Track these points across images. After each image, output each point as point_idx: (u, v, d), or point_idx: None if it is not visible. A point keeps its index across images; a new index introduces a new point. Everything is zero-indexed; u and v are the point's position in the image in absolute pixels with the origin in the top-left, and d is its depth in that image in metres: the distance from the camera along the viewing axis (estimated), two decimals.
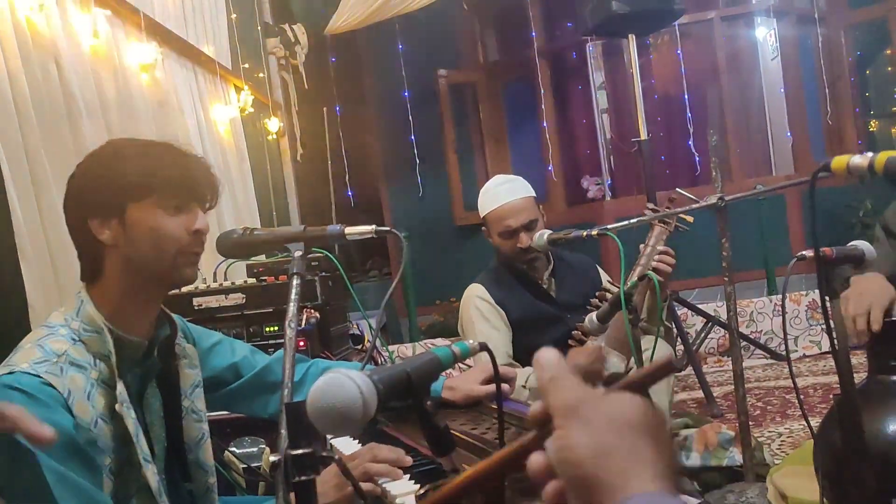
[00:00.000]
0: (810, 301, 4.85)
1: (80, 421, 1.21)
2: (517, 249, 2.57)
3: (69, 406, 1.21)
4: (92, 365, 1.28)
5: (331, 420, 0.85)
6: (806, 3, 6.73)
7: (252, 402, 1.71)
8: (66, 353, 1.25)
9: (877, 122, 6.95)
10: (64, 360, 1.24)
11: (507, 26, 7.24)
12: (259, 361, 1.71)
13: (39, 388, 1.19)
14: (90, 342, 1.29)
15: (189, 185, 1.39)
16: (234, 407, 1.75)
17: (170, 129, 3.47)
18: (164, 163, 1.38)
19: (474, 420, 1.65)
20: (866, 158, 1.16)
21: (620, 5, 4.05)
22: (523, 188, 2.64)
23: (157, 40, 3.44)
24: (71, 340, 1.28)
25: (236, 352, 1.70)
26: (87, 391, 1.24)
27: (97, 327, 1.30)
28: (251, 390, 1.69)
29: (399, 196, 6.99)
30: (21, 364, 1.22)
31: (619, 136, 6.68)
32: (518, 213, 2.56)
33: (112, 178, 1.34)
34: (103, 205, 1.34)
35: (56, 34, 2.59)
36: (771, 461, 2.66)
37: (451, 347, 1.02)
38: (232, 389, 1.68)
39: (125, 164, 1.35)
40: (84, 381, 1.25)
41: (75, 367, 1.25)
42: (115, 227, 1.34)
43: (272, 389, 1.69)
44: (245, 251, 1.51)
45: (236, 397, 1.69)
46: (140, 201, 1.34)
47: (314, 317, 2.53)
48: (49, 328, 1.31)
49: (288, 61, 5.77)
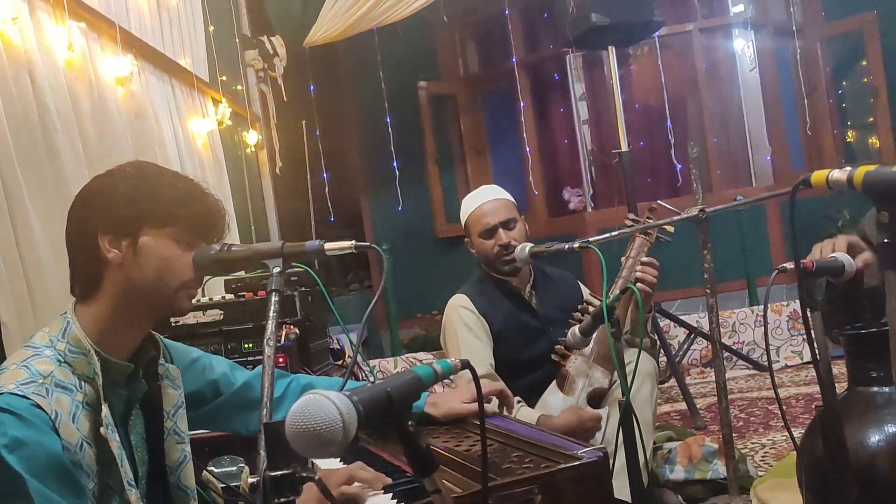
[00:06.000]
0: (791, 311, 4.86)
1: (67, 443, 1.19)
2: (497, 248, 2.57)
3: (56, 428, 1.18)
4: (77, 387, 1.25)
5: (310, 443, 0.83)
6: (783, 15, 6.80)
7: (232, 420, 1.69)
8: (52, 374, 1.23)
9: (854, 132, 7.02)
10: (50, 382, 1.22)
11: (488, 38, 7.26)
12: (239, 378, 1.69)
13: (29, 409, 1.17)
14: (76, 364, 1.27)
15: (208, 225, 1.40)
16: (214, 425, 1.72)
17: (146, 143, 3.43)
18: (190, 198, 1.38)
19: (458, 436, 1.64)
20: (845, 173, 1.16)
21: (600, 17, 4.06)
22: (502, 192, 2.70)
23: (134, 53, 3.41)
24: (56, 362, 1.26)
25: (215, 368, 1.67)
26: (72, 413, 1.22)
27: (83, 349, 1.28)
28: (231, 408, 1.67)
29: (380, 208, 6.97)
30: (8, 385, 1.19)
31: (599, 148, 6.70)
32: (496, 211, 2.60)
33: (136, 200, 1.33)
34: (120, 223, 1.33)
35: (30, 47, 2.55)
36: (754, 473, 2.66)
37: (432, 365, 1.00)
38: (212, 407, 1.65)
39: (153, 190, 1.35)
40: (69, 403, 1.22)
41: (61, 388, 1.23)
42: (126, 247, 1.33)
43: (253, 406, 1.66)
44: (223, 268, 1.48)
45: (216, 415, 1.67)
46: (159, 229, 1.34)
47: (294, 333, 2.50)
48: (34, 349, 1.28)
49: (266, 73, 5.74)
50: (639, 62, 6.81)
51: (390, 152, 6.38)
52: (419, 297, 6.08)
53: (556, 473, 1.28)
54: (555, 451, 1.36)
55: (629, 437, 1.76)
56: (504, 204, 2.63)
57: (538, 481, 1.26)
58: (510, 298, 2.64)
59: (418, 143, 6.92)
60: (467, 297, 2.62)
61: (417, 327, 6.03)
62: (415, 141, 6.86)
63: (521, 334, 2.59)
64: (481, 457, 1.04)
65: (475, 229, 2.63)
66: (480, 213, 2.62)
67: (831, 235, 5.84)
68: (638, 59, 6.80)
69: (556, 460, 1.31)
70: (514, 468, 1.32)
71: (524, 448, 1.43)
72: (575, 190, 6.77)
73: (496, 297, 2.64)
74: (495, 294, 2.65)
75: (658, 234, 2.56)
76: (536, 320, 2.62)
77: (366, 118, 6.86)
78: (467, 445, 1.55)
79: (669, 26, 5.86)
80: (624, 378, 1.81)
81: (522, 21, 6.90)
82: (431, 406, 1.74)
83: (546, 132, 7.06)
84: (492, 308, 2.61)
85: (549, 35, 6.84)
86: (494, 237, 2.58)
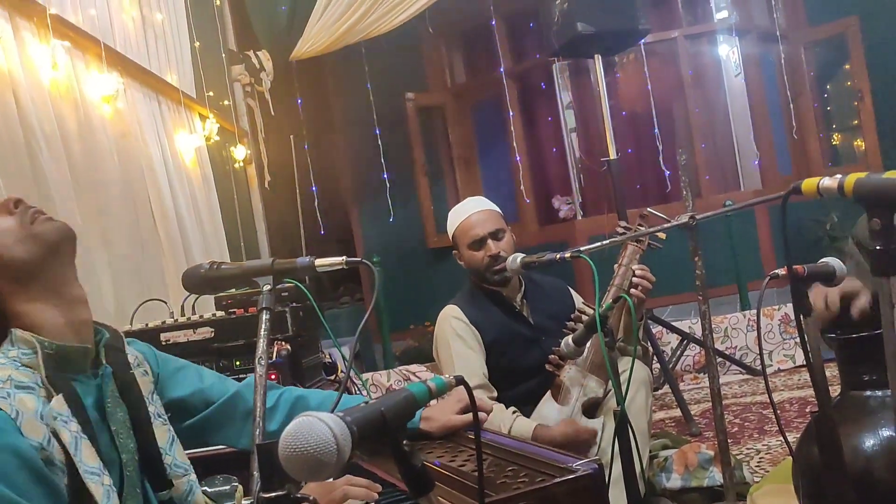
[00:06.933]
0: (783, 315, 4.87)
1: (33, 441, 1.17)
2: (486, 259, 2.57)
3: (18, 427, 1.17)
4: (39, 385, 1.24)
5: (304, 466, 0.82)
6: (766, 20, 6.85)
7: (223, 431, 1.66)
8: (10, 377, 1.22)
9: (839, 135, 7.07)
10: (10, 385, 1.20)
11: (474, 48, 7.28)
12: (230, 387, 1.67)
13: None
14: (33, 364, 1.26)
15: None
16: (204, 436, 1.69)
17: (133, 160, 3.42)
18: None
19: (451, 451, 1.62)
20: (835, 180, 1.16)
21: (585, 27, 4.07)
22: (488, 203, 2.70)
23: (119, 70, 3.40)
24: (14, 367, 1.24)
25: (204, 378, 1.65)
26: (38, 411, 1.21)
27: (32, 346, 1.27)
28: (221, 418, 1.64)
29: (370, 220, 6.96)
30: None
31: (588, 155, 6.72)
32: (484, 223, 2.60)
33: None
34: None
35: (13, 67, 2.54)
36: (751, 479, 2.65)
37: (426, 383, 0.98)
38: (202, 418, 1.63)
39: None
40: (35, 402, 1.21)
41: (23, 389, 1.22)
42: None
43: (243, 418, 1.64)
44: (213, 286, 1.47)
45: (206, 426, 1.64)
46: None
47: (285, 349, 2.49)
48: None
49: (253, 88, 5.74)
50: (625, 69, 6.83)
51: (380, 164, 6.38)
52: (411, 309, 6.07)
53: (551, 488, 1.27)
54: (550, 464, 1.35)
55: (625, 446, 1.75)
56: (491, 215, 2.63)
57: (534, 496, 1.25)
58: (502, 308, 2.64)
59: (407, 154, 6.92)
60: (459, 308, 2.61)
61: (410, 339, 6.02)
62: (404, 152, 6.85)
63: (513, 344, 2.58)
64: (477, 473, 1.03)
65: (464, 241, 2.62)
66: (468, 224, 2.62)
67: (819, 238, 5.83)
68: (624, 67, 6.82)
69: (552, 474, 1.30)
70: (510, 483, 1.31)
71: (519, 462, 1.42)
72: (564, 198, 6.78)
73: (488, 308, 2.63)
74: (487, 304, 2.64)
75: (649, 242, 2.57)
76: (529, 330, 2.61)
77: (354, 131, 6.86)
78: (461, 460, 1.53)
79: (655, 33, 5.89)
80: (618, 387, 1.80)
81: (508, 31, 6.92)
82: (426, 421, 1.73)
83: (534, 141, 7.07)
84: (484, 318, 2.60)
85: (536, 44, 6.86)
86: (484, 248, 2.58)
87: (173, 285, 3.39)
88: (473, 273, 2.66)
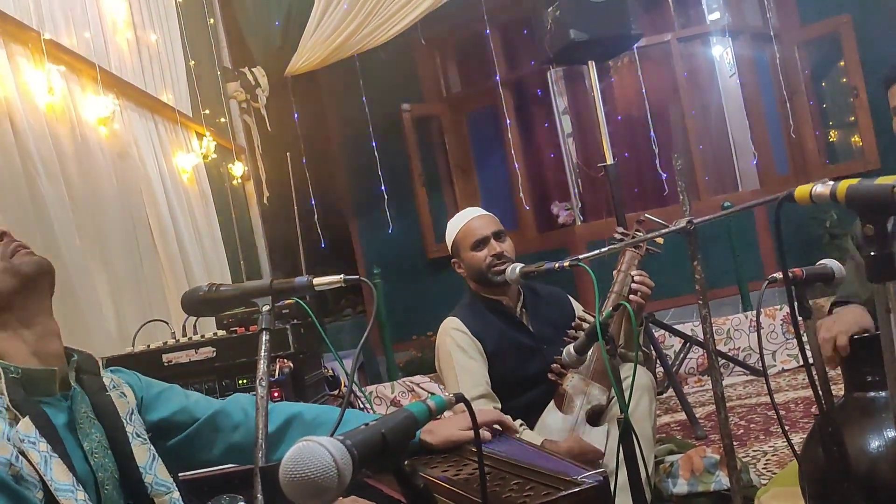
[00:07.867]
0: (785, 315, 4.87)
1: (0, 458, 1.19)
2: (489, 258, 2.58)
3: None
4: (4, 408, 1.26)
5: (305, 491, 0.82)
6: (759, 21, 6.86)
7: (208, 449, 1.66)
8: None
9: (835, 132, 7.07)
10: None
11: (468, 57, 7.29)
12: (214, 405, 1.68)
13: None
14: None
15: None
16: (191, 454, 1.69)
17: (131, 181, 3.43)
18: None
19: (456, 465, 1.62)
20: (828, 187, 1.17)
21: (578, 34, 4.09)
22: (486, 212, 2.74)
23: (115, 92, 3.41)
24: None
25: (189, 396, 1.67)
26: (4, 433, 1.23)
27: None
28: (208, 432, 1.64)
29: (369, 233, 6.96)
30: None
31: (585, 161, 6.72)
32: (486, 225, 2.64)
33: None
34: None
35: (9, 93, 2.55)
36: (757, 482, 2.65)
37: (426, 402, 0.99)
38: (187, 435, 1.63)
39: None
40: (1, 425, 1.23)
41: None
42: None
43: (229, 430, 1.64)
44: (212, 308, 1.48)
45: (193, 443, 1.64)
46: None
47: (287, 367, 2.48)
48: None
49: (249, 104, 5.75)
50: (619, 74, 6.85)
51: (377, 176, 6.38)
52: (413, 319, 6.07)
53: (557, 501, 1.26)
54: (555, 477, 1.34)
55: (630, 453, 1.75)
56: (492, 219, 2.69)
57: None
58: (502, 318, 2.64)
59: (405, 165, 6.92)
60: (459, 320, 2.61)
61: (413, 349, 6.02)
62: (401, 163, 6.86)
63: (515, 353, 2.58)
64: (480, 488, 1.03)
65: (466, 243, 2.64)
66: (470, 227, 2.65)
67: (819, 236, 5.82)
68: (618, 71, 6.83)
69: (557, 487, 1.30)
70: (515, 497, 1.30)
71: (524, 475, 1.41)
72: (563, 204, 6.78)
73: (488, 318, 2.63)
74: (487, 314, 2.64)
75: (648, 247, 2.57)
76: (530, 339, 2.62)
77: (351, 143, 6.87)
78: (466, 474, 1.53)
79: (648, 37, 5.90)
80: (621, 395, 1.80)
81: (502, 39, 6.93)
82: (428, 434, 1.73)
83: (531, 148, 7.08)
84: (484, 329, 2.60)
85: (530, 52, 6.87)
86: (487, 247, 2.60)
87: (174, 305, 3.39)
88: (474, 277, 2.67)
